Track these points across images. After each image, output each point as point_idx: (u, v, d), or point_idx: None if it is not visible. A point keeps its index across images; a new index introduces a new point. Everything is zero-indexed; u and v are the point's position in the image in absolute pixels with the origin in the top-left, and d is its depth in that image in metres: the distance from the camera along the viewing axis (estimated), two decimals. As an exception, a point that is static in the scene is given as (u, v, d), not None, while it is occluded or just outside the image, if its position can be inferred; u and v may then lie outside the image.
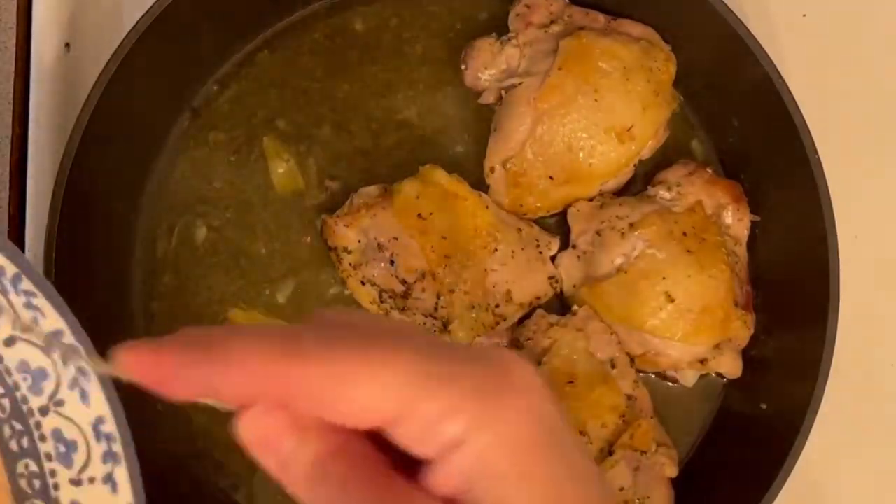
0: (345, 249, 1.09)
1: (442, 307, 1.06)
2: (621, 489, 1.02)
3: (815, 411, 1.01)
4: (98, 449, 0.81)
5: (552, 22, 1.14)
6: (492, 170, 1.12)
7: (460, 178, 1.08)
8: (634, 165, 1.14)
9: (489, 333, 1.08)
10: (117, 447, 0.81)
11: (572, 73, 1.09)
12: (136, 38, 1.03)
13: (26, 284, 0.80)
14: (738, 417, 1.12)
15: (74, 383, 0.81)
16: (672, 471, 1.07)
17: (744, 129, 1.14)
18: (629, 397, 1.05)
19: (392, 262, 1.06)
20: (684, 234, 1.08)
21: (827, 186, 1.05)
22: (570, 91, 1.09)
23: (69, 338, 0.80)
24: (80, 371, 0.81)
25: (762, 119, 1.10)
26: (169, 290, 1.13)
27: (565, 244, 1.13)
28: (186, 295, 1.13)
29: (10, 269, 0.80)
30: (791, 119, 1.06)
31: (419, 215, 1.06)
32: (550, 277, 1.10)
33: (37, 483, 0.82)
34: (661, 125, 1.13)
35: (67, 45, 1.18)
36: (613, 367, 1.06)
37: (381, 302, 1.08)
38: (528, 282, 1.09)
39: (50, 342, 0.80)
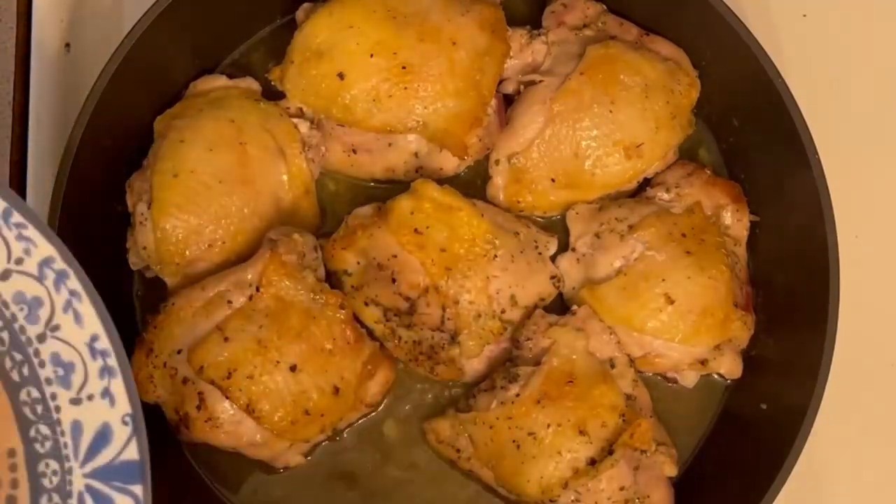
0: (345, 272, 1.08)
1: (448, 319, 1.06)
2: (621, 488, 1.02)
3: (815, 411, 1.01)
4: (94, 366, 0.83)
5: (585, 25, 1.14)
6: (496, 162, 1.12)
7: (452, 189, 1.08)
8: (638, 182, 1.14)
9: (498, 340, 1.08)
10: (112, 361, 0.83)
11: (593, 81, 1.09)
12: (136, 38, 1.04)
13: (16, 217, 0.83)
14: (738, 418, 1.12)
15: (68, 306, 0.83)
16: (672, 470, 1.07)
17: (744, 130, 1.14)
18: (629, 397, 1.05)
19: (394, 280, 1.06)
20: (683, 235, 1.08)
21: (827, 186, 1.05)
22: (587, 98, 1.09)
23: (60, 263, 0.83)
24: (72, 293, 0.83)
25: (762, 119, 1.10)
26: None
27: (564, 245, 1.13)
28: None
29: (0, 205, 0.83)
30: (791, 119, 1.06)
31: (415, 230, 1.05)
32: (552, 277, 1.10)
33: (39, 408, 0.84)
34: (672, 148, 1.13)
35: (67, 45, 1.18)
36: (613, 366, 1.06)
37: (387, 321, 1.07)
38: (530, 284, 1.08)
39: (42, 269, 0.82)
